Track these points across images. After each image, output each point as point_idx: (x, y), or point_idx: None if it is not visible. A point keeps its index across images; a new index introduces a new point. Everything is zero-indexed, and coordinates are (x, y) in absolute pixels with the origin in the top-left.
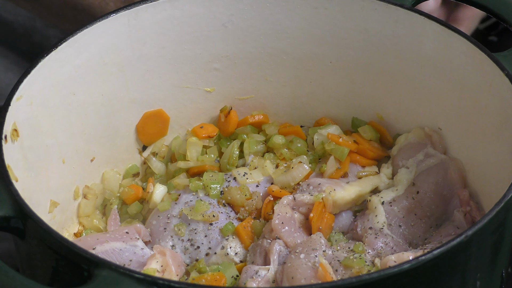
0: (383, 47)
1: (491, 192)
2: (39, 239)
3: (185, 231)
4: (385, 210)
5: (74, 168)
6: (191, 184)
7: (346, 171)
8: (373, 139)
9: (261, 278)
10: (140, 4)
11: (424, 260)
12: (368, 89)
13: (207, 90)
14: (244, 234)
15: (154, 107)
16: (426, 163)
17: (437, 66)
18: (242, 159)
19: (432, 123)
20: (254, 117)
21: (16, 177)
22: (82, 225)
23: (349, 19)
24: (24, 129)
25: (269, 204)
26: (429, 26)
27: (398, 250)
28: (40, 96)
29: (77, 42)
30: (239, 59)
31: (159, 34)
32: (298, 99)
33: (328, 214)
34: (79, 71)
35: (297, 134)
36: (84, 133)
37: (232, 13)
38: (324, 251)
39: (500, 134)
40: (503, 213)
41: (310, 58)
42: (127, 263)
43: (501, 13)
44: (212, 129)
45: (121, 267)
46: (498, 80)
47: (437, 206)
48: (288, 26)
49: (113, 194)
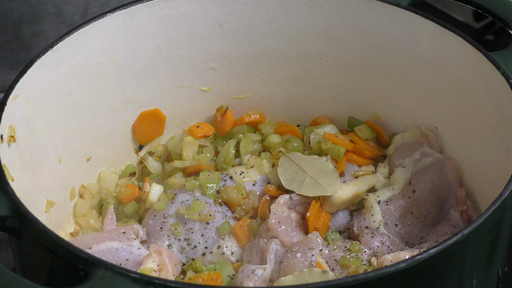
0: (379, 46)
1: (487, 191)
2: (35, 239)
3: (182, 231)
4: (381, 209)
5: (71, 167)
6: (188, 183)
7: (343, 171)
8: (370, 139)
9: (258, 277)
10: (136, 4)
11: (421, 259)
12: (364, 88)
13: (203, 90)
14: (241, 233)
15: (150, 107)
16: (422, 162)
17: (434, 65)
18: (238, 159)
19: (429, 122)
20: (251, 117)
21: (12, 177)
22: (78, 225)
23: (345, 18)
24: (20, 129)
25: (266, 203)
26: (425, 25)
27: (395, 249)
28: (36, 95)
29: (73, 42)
30: (235, 58)
31: (155, 33)
32: (294, 99)
33: (324, 213)
34: (75, 70)
35: (294, 133)
36: (80, 132)
37: (228, 12)
38: (321, 250)
39: (496, 133)
40: (499, 212)
41: (306, 57)
42: (124, 263)
43: (497, 12)
44: (208, 128)
45: (117, 267)
46: (494, 79)
47: (433, 205)
48: (284, 25)
49: (109, 194)
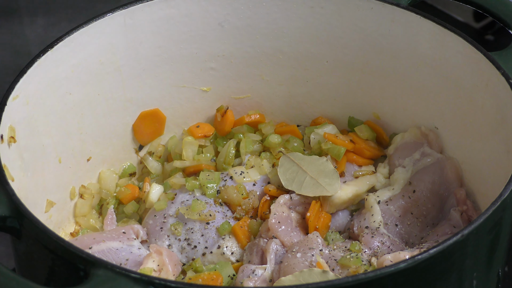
0: (379, 47)
1: (487, 191)
2: (36, 239)
3: (182, 231)
4: (381, 209)
5: (71, 167)
6: (188, 183)
7: (343, 171)
8: (370, 139)
9: (258, 277)
10: (136, 4)
11: (421, 259)
12: (364, 88)
13: (204, 90)
14: (241, 233)
15: (150, 107)
16: (422, 162)
17: (434, 65)
18: (238, 159)
19: (429, 122)
20: (251, 117)
21: (12, 177)
22: (78, 225)
23: (345, 18)
24: (20, 129)
25: (266, 203)
26: (425, 25)
27: (395, 249)
28: (36, 95)
29: (73, 42)
30: (236, 58)
31: (155, 33)
32: (294, 99)
33: (324, 213)
34: (75, 70)
35: (294, 133)
36: (81, 132)
37: (228, 12)
38: (321, 250)
39: (496, 133)
40: (499, 212)
41: (306, 57)
42: (124, 263)
43: (497, 12)
44: (208, 128)
45: (118, 267)
46: (494, 79)
47: (433, 205)
48: (284, 25)
49: (109, 194)
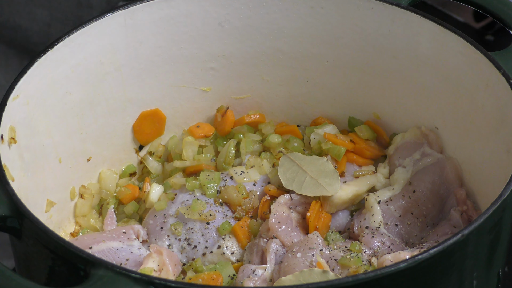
0: (380, 47)
1: (488, 191)
2: (36, 239)
3: (182, 230)
4: (381, 209)
5: (71, 167)
6: (188, 183)
7: (343, 171)
8: (370, 139)
9: (258, 277)
10: (136, 4)
11: (421, 259)
12: (364, 89)
13: (204, 90)
14: (241, 233)
15: (150, 107)
16: (422, 162)
17: (434, 65)
18: (238, 159)
19: (429, 122)
20: (251, 117)
21: (12, 177)
22: (78, 225)
23: (345, 18)
24: (21, 129)
25: (266, 203)
26: (425, 25)
27: (395, 249)
28: (36, 95)
29: (74, 42)
30: (236, 58)
31: (156, 33)
32: (294, 99)
33: (325, 213)
34: (75, 70)
35: (294, 133)
36: (81, 132)
37: (228, 12)
38: (321, 250)
39: (497, 133)
40: (500, 212)
41: (306, 57)
42: (124, 263)
43: (497, 12)
44: (208, 128)
45: (118, 267)
46: (494, 79)
47: (433, 205)
48: (284, 25)
49: (109, 194)
